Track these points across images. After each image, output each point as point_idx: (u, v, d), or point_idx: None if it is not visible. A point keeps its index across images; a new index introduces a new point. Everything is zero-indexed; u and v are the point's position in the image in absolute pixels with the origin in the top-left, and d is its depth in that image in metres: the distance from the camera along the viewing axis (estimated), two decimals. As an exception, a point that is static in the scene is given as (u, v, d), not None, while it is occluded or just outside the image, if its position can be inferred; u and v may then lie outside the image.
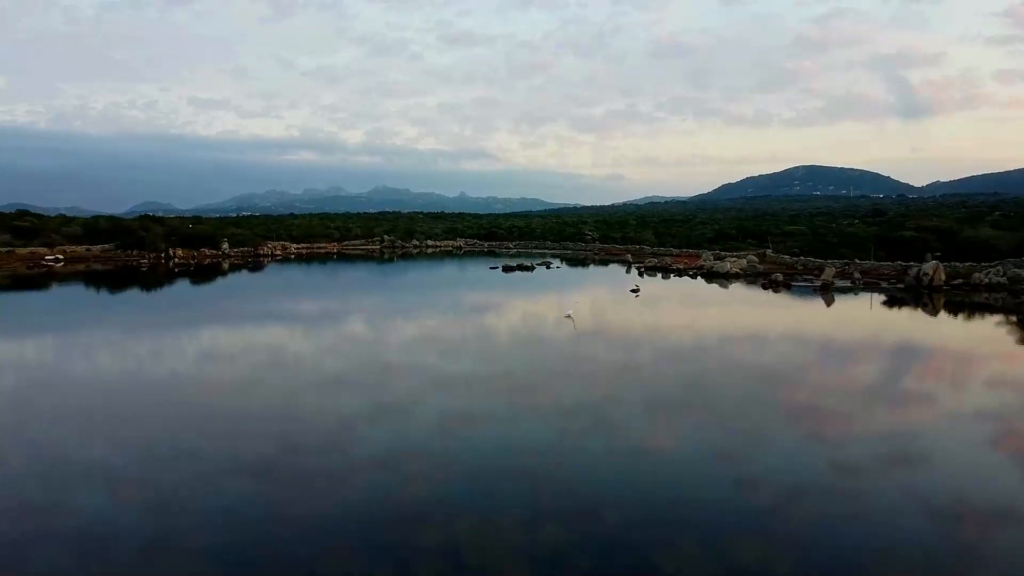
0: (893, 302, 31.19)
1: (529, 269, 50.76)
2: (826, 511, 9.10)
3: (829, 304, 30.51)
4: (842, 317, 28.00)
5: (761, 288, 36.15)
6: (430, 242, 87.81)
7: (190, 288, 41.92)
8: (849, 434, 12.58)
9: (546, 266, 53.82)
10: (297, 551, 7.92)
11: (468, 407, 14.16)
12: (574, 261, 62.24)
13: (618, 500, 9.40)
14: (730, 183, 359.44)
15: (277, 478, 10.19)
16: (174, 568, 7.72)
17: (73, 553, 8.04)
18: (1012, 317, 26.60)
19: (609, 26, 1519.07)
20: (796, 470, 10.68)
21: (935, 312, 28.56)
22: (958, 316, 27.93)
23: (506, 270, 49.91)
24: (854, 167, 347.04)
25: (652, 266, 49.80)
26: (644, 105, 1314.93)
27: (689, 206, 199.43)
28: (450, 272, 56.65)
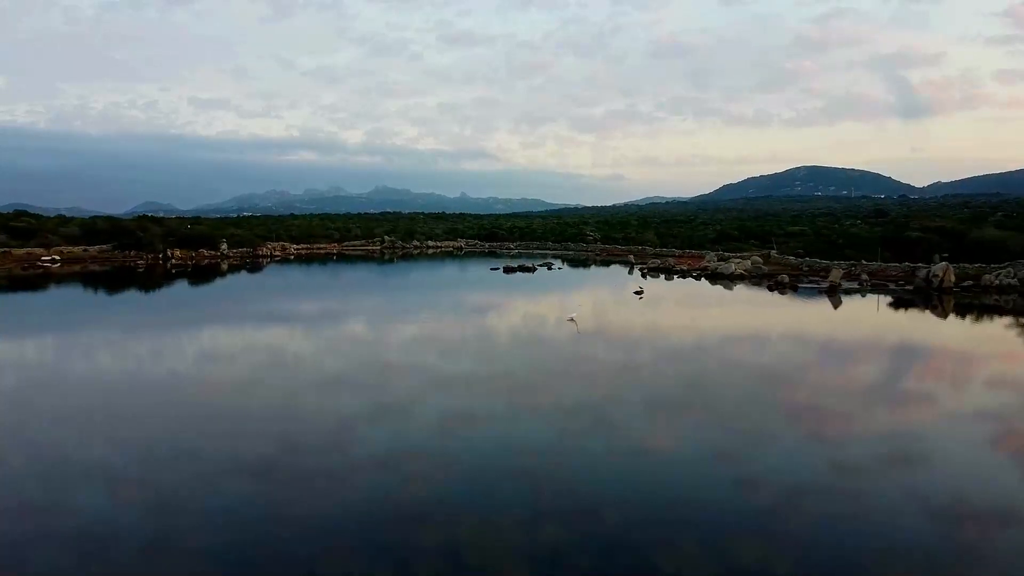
0: (903, 304, 30.69)
1: (530, 270, 50.50)
2: (826, 511, 9.10)
3: (837, 306, 30.00)
4: (853, 320, 27.60)
5: (767, 290, 35.67)
6: (430, 243, 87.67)
7: (186, 289, 41.85)
8: (865, 437, 12.57)
9: (547, 267, 53.55)
10: (297, 551, 7.92)
11: (468, 407, 14.15)
12: (576, 262, 62.16)
13: (618, 500, 9.39)
14: (731, 183, 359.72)
15: (277, 478, 10.19)
16: (174, 568, 7.72)
17: (73, 553, 8.04)
18: (1023, 320, 26.31)
19: (609, 26, 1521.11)
20: (797, 470, 10.68)
21: (946, 314, 28.09)
22: (970, 318, 27.45)
23: (507, 271, 49.67)
24: (855, 167, 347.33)
25: (655, 267, 49.36)
26: (644, 105, 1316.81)
27: (690, 206, 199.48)
28: (450, 273, 56.63)
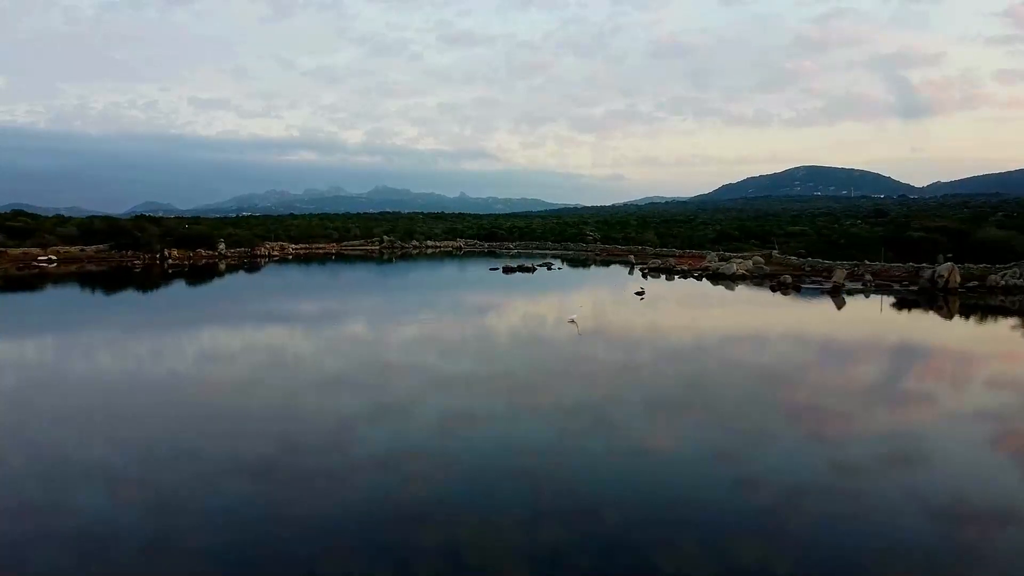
0: (909, 305, 30.42)
1: (530, 270, 50.43)
2: (826, 511, 9.10)
3: (841, 307, 29.77)
4: (860, 320, 27.37)
5: (769, 290, 35.50)
6: (430, 243, 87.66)
7: (183, 289, 41.78)
8: (866, 437, 12.57)
9: (547, 267, 53.50)
10: (297, 551, 7.92)
11: (468, 407, 14.15)
12: (575, 262, 62.13)
13: (618, 500, 9.40)
14: (731, 183, 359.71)
15: (277, 478, 10.19)
16: (174, 568, 7.72)
17: (73, 553, 8.04)
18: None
19: (609, 26, 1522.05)
20: (797, 470, 10.67)
21: (953, 315, 27.91)
22: (978, 319, 27.24)
23: (506, 271, 49.60)
24: (855, 167, 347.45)
25: (656, 267, 49.26)
26: (644, 105, 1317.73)
27: (690, 206, 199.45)
28: (449, 273, 56.61)
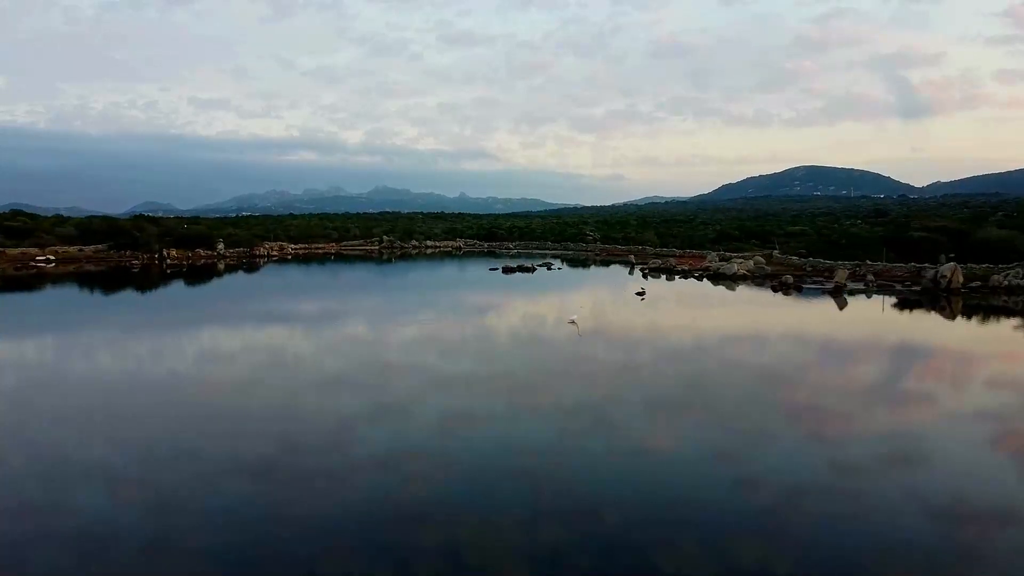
0: (912, 305, 30.26)
1: (530, 270, 50.34)
2: (826, 511, 9.10)
3: (843, 307, 29.62)
4: (863, 320, 27.20)
5: (771, 291, 35.35)
6: (429, 243, 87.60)
7: (181, 289, 41.70)
8: (866, 437, 12.58)
9: (547, 267, 53.43)
10: (297, 551, 7.92)
11: (468, 407, 14.15)
12: (575, 262, 62.10)
13: (618, 500, 9.40)
14: (730, 183, 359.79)
15: (277, 478, 10.19)
16: (174, 568, 7.72)
17: (73, 553, 8.04)
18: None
19: (609, 26, 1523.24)
20: (797, 470, 10.67)
21: (956, 316, 27.79)
22: (982, 320, 27.10)
23: (506, 271, 49.46)
24: (854, 167, 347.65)
25: (656, 267, 49.14)
26: (644, 105, 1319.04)
27: (690, 206, 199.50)
28: (449, 273, 56.59)
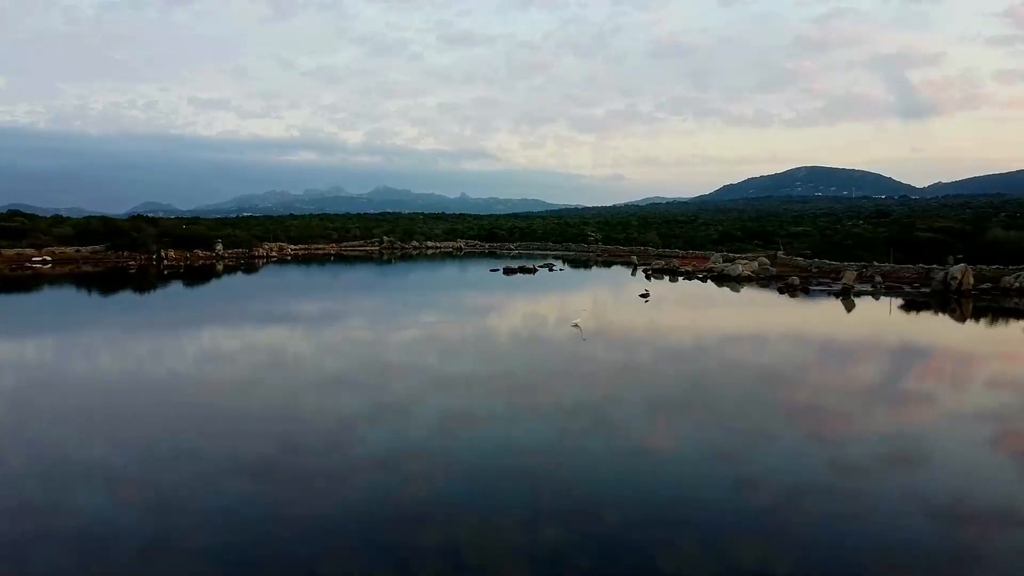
0: (921, 307, 29.82)
1: (531, 271, 50.12)
2: (826, 511, 9.09)
3: (851, 309, 29.18)
4: (871, 323, 26.71)
5: (777, 292, 35.01)
6: (430, 243, 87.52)
7: (178, 290, 41.62)
8: (867, 438, 12.56)
9: (549, 268, 53.27)
10: (297, 551, 7.92)
11: (468, 407, 14.15)
12: (577, 263, 62.05)
13: (618, 500, 9.39)
14: (731, 184, 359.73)
15: (277, 478, 10.20)
16: (174, 568, 7.72)
17: (73, 553, 8.04)
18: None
19: (609, 26, 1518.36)
20: (798, 470, 10.67)
21: (967, 318, 27.42)
22: (994, 322, 26.68)
23: (507, 272, 49.25)
24: (855, 168, 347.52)
25: (659, 268, 48.78)
26: (644, 105, 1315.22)
27: (691, 207, 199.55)
28: (449, 274, 56.58)
